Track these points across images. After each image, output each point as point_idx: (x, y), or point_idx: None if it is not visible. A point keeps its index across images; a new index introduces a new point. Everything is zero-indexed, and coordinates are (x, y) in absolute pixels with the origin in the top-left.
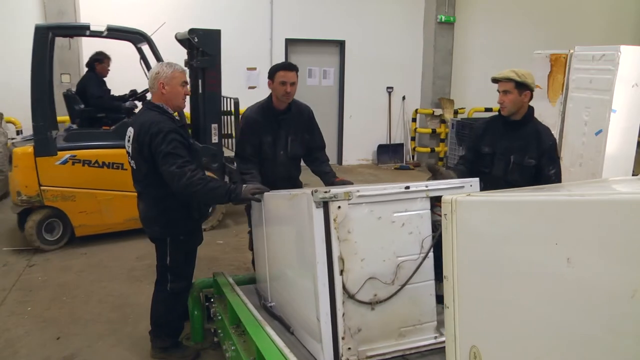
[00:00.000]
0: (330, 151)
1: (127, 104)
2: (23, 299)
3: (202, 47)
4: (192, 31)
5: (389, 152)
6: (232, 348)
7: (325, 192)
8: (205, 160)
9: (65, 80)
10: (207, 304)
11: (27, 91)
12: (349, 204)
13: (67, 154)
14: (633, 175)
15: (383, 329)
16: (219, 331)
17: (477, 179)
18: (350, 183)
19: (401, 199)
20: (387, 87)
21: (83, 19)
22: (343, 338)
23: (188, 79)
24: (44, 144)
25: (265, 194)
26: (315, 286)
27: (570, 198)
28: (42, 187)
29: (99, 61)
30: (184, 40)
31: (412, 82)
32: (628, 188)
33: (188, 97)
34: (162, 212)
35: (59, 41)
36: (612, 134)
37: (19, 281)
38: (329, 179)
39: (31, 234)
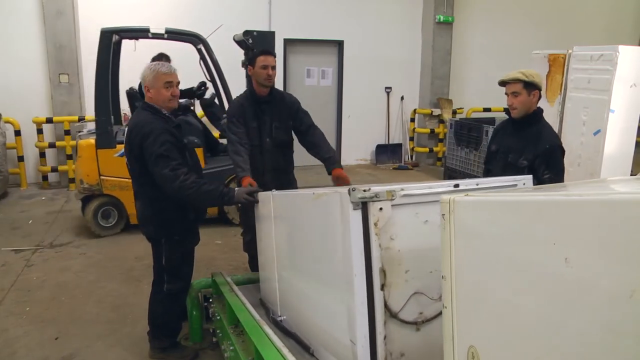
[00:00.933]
0: None
1: (184, 101)
2: (22, 299)
3: (256, 48)
4: (246, 33)
5: (387, 152)
6: (231, 348)
7: (365, 190)
8: None
9: (63, 80)
10: (205, 304)
11: (26, 92)
12: (391, 205)
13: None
14: (631, 175)
15: (428, 352)
16: (218, 331)
17: (530, 176)
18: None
19: None
20: (386, 87)
21: (81, 20)
22: None
23: (178, 79)
24: (104, 137)
25: (277, 193)
26: (351, 303)
27: (568, 198)
28: (101, 177)
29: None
30: (240, 42)
31: (410, 82)
32: (626, 188)
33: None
34: (157, 211)
35: (58, 42)
36: (610, 134)
37: (17, 281)
38: (327, 166)
39: (89, 219)
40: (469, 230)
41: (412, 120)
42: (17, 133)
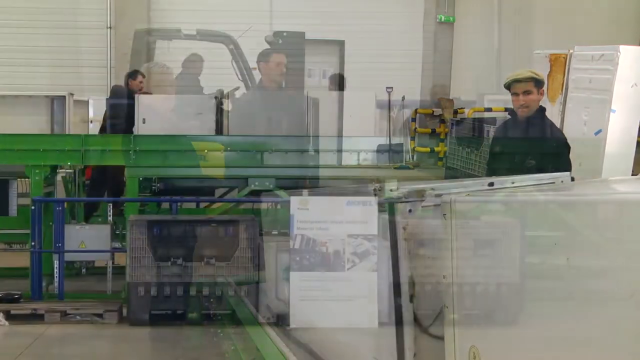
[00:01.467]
0: (330, 151)
1: None
2: None
3: (288, 47)
4: (276, 34)
5: (388, 152)
6: (232, 348)
7: (392, 190)
8: None
9: None
10: (206, 304)
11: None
12: (422, 207)
13: None
14: (632, 175)
15: None
16: (219, 331)
17: (568, 173)
18: None
19: None
20: (387, 87)
21: (82, 20)
22: None
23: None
24: None
25: (291, 192)
26: (376, 317)
27: (569, 198)
28: None
29: (193, 62)
30: (272, 42)
31: (411, 82)
32: (627, 188)
33: None
34: None
35: (58, 41)
36: (611, 133)
37: None
38: None
39: None
40: (469, 229)
41: (413, 120)
42: None
